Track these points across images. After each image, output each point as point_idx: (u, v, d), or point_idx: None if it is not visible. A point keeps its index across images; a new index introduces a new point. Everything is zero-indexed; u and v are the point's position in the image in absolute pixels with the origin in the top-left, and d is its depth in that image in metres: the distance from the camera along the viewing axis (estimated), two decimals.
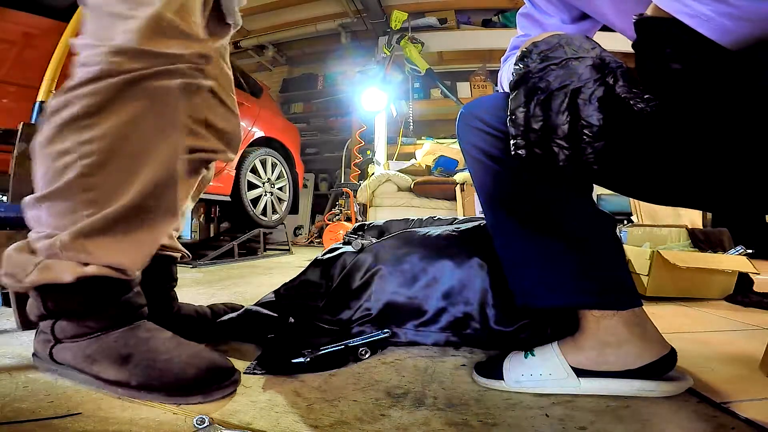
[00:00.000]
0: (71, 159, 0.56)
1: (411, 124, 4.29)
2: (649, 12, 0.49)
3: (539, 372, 0.67)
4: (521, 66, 0.54)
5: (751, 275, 1.50)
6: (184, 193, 0.73)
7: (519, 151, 0.54)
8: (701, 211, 2.51)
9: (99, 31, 0.57)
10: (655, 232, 1.92)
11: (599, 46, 0.54)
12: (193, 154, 0.74)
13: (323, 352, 0.78)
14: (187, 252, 0.95)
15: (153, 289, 0.81)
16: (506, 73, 0.78)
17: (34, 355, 0.64)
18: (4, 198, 1.10)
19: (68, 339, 0.60)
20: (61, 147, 0.56)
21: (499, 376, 0.69)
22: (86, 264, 0.58)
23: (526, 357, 0.70)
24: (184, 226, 1.08)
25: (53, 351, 0.61)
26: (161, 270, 0.87)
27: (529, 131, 0.52)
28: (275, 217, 3.21)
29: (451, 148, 3.66)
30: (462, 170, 3.45)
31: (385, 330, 0.88)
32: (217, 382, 0.59)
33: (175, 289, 0.93)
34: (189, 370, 0.58)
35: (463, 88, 4.69)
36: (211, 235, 3.48)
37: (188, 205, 0.89)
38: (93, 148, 0.56)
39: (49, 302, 0.59)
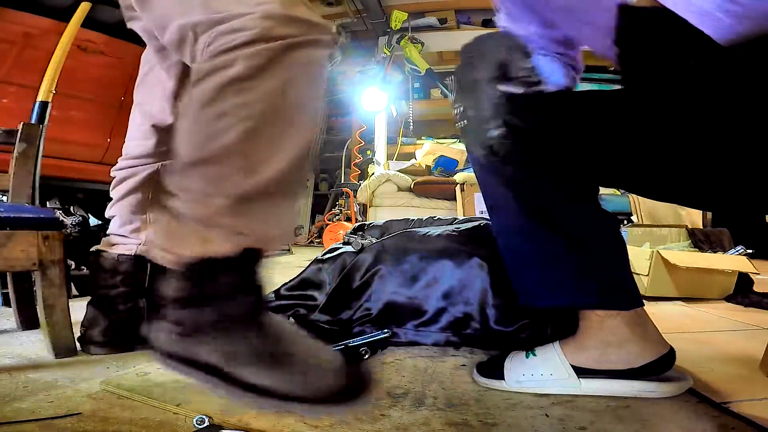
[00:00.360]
0: (229, 122, 0.52)
1: (411, 124, 4.29)
2: (637, 1, 0.49)
3: (540, 372, 0.67)
4: (458, 65, 0.62)
5: (751, 275, 1.50)
6: None
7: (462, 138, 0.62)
8: (701, 211, 2.51)
9: (222, 6, 0.55)
10: (655, 232, 1.92)
11: (519, 39, 0.60)
12: None
13: None
14: None
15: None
16: None
17: (153, 349, 0.51)
18: (4, 198, 1.10)
19: (203, 332, 0.49)
20: (219, 109, 0.52)
21: (500, 376, 0.69)
22: (239, 234, 0.51)
23: (527, 357, 0.70)
24: None
25: (182, 346, 0.49)
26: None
27: (459, 119, 0.60)
28: None
29: (451, 148, 3.66)
30: (462, 170, 3.45)
31: (385, 330, 0.88)
32: (356, 392, 0.51)
33: None
34: (335, 380, 0.51)
35: None
36: None
37: None
38: (250, 112, 0.52)
39: (199, 281, 0.50)
